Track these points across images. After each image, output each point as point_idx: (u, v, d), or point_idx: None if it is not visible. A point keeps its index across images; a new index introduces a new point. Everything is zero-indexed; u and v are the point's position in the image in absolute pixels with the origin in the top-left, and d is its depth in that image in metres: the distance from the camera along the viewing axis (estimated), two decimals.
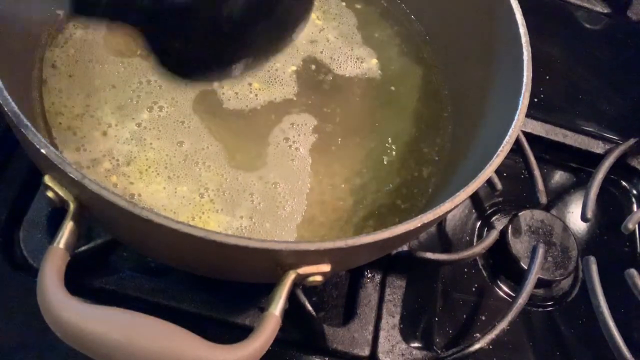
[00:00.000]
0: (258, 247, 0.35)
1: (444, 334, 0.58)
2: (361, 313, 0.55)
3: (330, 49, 0.59)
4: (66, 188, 0.37)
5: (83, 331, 0.34)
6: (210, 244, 0.35)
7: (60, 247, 0.37)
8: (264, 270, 0.41)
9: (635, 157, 0.72)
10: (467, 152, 0.52)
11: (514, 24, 0.50)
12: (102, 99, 0.51)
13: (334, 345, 0.53)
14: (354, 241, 0.37)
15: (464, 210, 0.65)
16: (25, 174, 0.55)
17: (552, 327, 0.61)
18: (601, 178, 0.66)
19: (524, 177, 0.67)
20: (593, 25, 0.85)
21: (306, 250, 0.37)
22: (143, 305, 0.51)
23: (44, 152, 0.35)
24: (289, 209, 0.49)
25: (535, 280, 0.57)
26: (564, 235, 0.63)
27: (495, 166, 0.42)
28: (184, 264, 0.46)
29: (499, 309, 0.59)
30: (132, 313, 0.35)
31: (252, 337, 0.36)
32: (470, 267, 0.62)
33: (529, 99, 0.46)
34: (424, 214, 0.39)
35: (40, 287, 0.35)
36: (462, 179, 0.44)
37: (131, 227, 0.39)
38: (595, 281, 0.59)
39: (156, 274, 0.53)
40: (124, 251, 0.54)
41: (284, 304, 0.38)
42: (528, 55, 0.48)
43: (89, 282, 0.51)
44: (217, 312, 0.52)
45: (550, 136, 0.70)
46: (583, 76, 0.80)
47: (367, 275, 0.57)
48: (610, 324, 0.56)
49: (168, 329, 0.35)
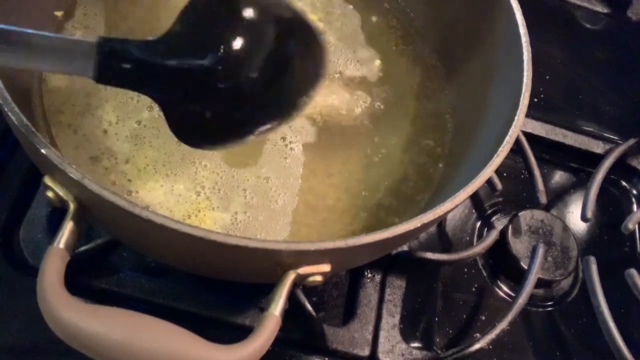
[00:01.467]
0: (258, 247, 0.35)
1: (444, 334, 0.58)
2: (361, 313, 0.55)
3: (332, 51, 0.59)
4: (66, 188, 0.37)
5: (83, 331, 0.34)
6: (210, 244, 0.35)
7: (60, 247, 0.37)
8: (264, 270, 0.41)
9: (635, 157, 0.72)
10: (467, 152, 0.52)
11: (514, 24, 0.50)
12: (103, 97, 0.51)
13: (334, 345, 0.53)
14: (354, 241, 0.37)
15: (464, 210, 0.65)
16: (25, 174, 0.55)
17: (552, 327, 0.61)
18: (601, 178, 0.66)
19: (524, 177, 0.67)
20: (593, 25, 0.85)
21: (306, 250, 0.37)
22: (143, 305, 0.51)
23: (44, 152, 0.35)
24: (281, 202, 0.50)
25: (535, 280, 0.57)
26: (564, 235, 0.63)
27: (495, 166, 0.42)
28: (184, 264, 0.46)
29: (499, 309, 0.59)
30: (132, 313, 0.35)
31: (252, 337, 0.36)
32: (470, 267, 0.62)
33: (529, 99, 0.46)
34: (424, 214, 0.39)
35: (40, 287, 0.35)
36: (462, 179, 0.44)
37: (131, 227, 0.39)
38: (595, 281, 0.59)
39: (156, 274, 0.52)
40: (124, 251, 0.54)
41: (284, 304, 0.38)
42: (528, 55, 0.48)
43: (89, 282, 0.51)
44: (217, 312, 0.52)
45: (550, 136, 0.70)
46: (583, 76, 0.80)
47: (367, 275, 0.57)
48: (610, 324, 0.56)
49: (168, 329, 0.35)
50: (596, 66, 0.81)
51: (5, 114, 0.37)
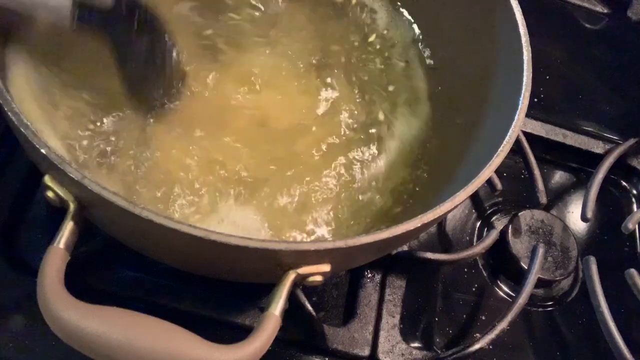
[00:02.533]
0: (258, 247, 0.35)
1: (444, 334, 0.58)
2: (361, 313, 0.55)
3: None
4: (66, 188, 0.37)
5: (83, 331, 0.34)
6: (210, 244, 0.35)
7: (60, 247, 0.37)
8: (264, 270, 0.41)
9: (635, 157, 0.72)
10: (467, 152, 0.52)
11: (514, 24, 0.50)
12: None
13: (334, 345, 0.53)
14: (354, 241, 0.37)
15: (464, 210, 0.65)
16: (25, 174, 0.55)
17: (552, 327, 0.61)
18: (601, 178, 0.66)
19: (524, 177, 0.67)
20: (593, 25, 0.85)
21: (306, 250, 0.37)
22: (143, 305, 0.51)
23: (44, 152, 0.35)
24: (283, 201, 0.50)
25: (535, 280, 0.57)
26: (564, 235, 0.63)
27: (495, 166, 0.42)
28: (184, 264, 0.46)
29: (499, 309, 0.59)
30: (132, 313, 0.35)
31: (252, 337, 0.36)
32: (470, 267, 0.62)
33: (529, 99, 0.46)
34: (424, 214, 0.39)
35: (40, 287, 0.35)
36: (462, 179, 0.44)
37: (131, 227, 0.39)
38: (595, 281, 0.59)
39: (156, 274, 0.52)
40: (124, 251, 0.53)
41: (284, 304, 0.38)
42: (528, 55, 0.48)
43: (89, 282, 0.51)
44: (217, 312, 0.52)
45: (550, 136, 0.70)
46: (583, 76, 0.80)
47: (367, 275, 0.57)
48: (610, 324, 0.56)
49: (168, 329, 0.35)
50: (596, 66, 0.81)
51: (5, 114, 0.37)
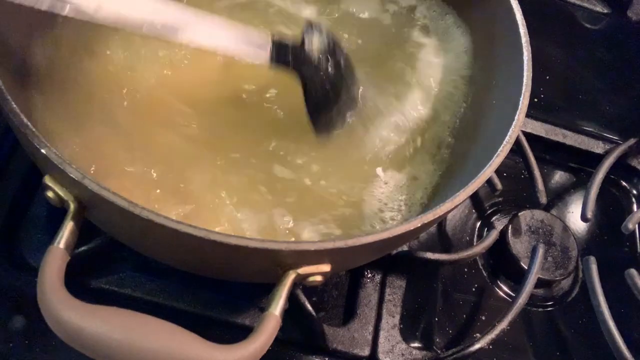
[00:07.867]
0: (258, 247, 0.35)
1: (444, 334, 0.58)
2: (361, 313, 0.55)
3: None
4: (66, 188, 0.37)
5: (83, 331, 0.34)
6: (210, 244, 0.35)
7: (60, 247, 0.37)
8: (264, 270, 0.41)
9: (635, 157, 0.72)
10: (467, 152, 0.52)
11: (514, 24, 0.50)
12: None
13: (334, 345, 0.53)
14: (354, 241, 0.37)
15: (464, 210, 0.65)
16: (25, 174, 0.55)
17: (552, 327, 0.61)
18: (601, 178, 0.66)
19: (524, 177, 0.67)
20: (593, 25, 0.85)
21: (306, 250, 0.37)
22: (143, 305, 0.51)
23: (44, 152, 0.35)
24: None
25: (535, 280, 0.57)
26: (564, 235, 0.63)
27: (495, 166, 0.42)
28: (184, 263, 0.46)
29: (499, 309, 0.59)
30: (132, 313, 0.35)
31: (252, 337, 0.36)
32: (470, 267, 0.62)
33: (529, 99, 0.46)
34: (424, 214, 0.39)
35: (40, 287, 0.35)
36: (462, 179, 0.44)
37: (131, 227, 0.39)
38: (595, 281, 0.59)
39: (156, 274, 0.52)
40: (124, 251, 0.53)
41: (284, 304, 0.38)
42: (528, 55, 0.48)
43: (89, 282, 0.51)
44: (217, 312, 0.52)
45: (550, 136, 0.70)
46: (583, 76, 0.80)
47: (367, 275, 0.57)
48: (610, 324, 0.56)
49: (168, 329, 0.35)
50: (596, 66, 0.81)
51: (6, 114, 0.37)
